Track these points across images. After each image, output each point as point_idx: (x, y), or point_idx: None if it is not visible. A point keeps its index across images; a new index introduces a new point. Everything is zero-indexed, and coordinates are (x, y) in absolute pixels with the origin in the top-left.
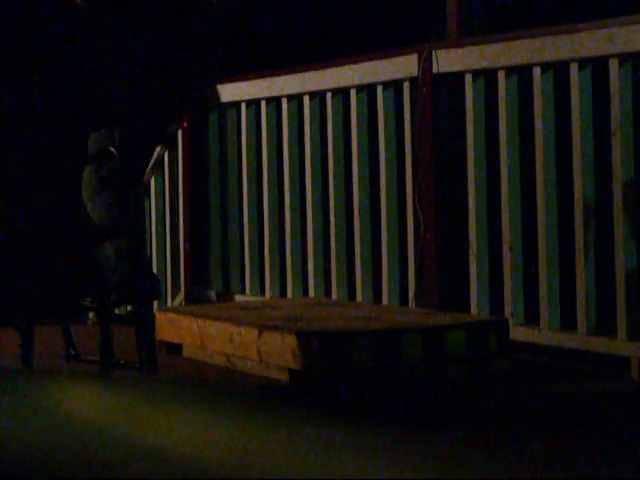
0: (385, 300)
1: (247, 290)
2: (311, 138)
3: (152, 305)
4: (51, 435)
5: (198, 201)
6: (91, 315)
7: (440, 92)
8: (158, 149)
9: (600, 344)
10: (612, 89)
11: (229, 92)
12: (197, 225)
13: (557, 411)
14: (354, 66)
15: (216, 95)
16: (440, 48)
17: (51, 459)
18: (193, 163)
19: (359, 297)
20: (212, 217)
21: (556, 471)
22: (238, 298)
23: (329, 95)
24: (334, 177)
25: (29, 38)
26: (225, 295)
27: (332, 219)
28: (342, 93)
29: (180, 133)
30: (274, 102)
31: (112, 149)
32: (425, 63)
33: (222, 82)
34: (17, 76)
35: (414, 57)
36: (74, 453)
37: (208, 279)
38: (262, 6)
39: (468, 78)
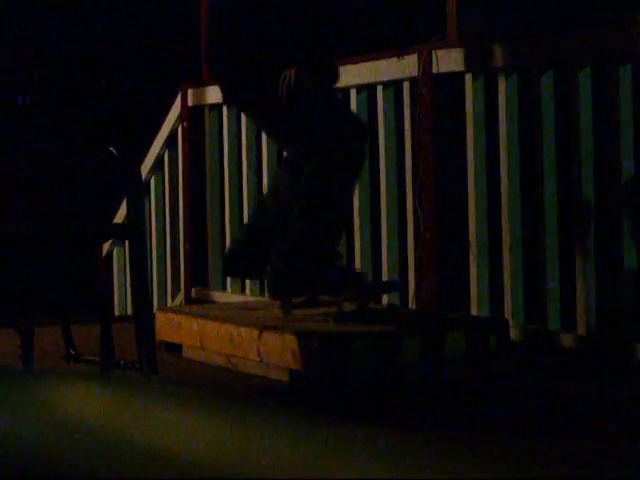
0: (385, 300)
1: (247, 290)
2: None
3: (152, 305)
4: (50, 435)
5: (198, 201)
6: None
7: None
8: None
9: (599, 344)
10: (611, 89)
11: None
12: (197, 225)
13: (556, 411)
14: (354, 66)
15: (216, 95)
16: (440, 48)
17: (50, 460)
18: (193, 163)
19: None
20: (212, 217)
21: (556, 471)
22: (238, 298)
23: None
24: None
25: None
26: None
27: None
28: (342, 93)
29: (180, 133)
30: None
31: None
32: (425, 63)
33: None
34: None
35: (414, 57)
36: (73, 453)
37: (209, 280)
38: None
39: (468, 78)
